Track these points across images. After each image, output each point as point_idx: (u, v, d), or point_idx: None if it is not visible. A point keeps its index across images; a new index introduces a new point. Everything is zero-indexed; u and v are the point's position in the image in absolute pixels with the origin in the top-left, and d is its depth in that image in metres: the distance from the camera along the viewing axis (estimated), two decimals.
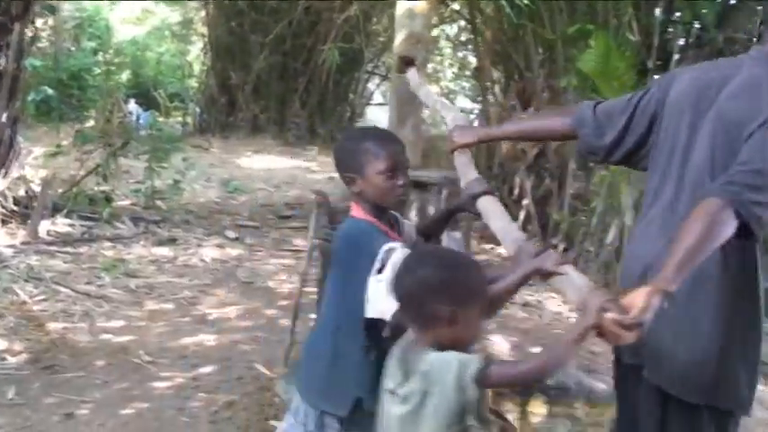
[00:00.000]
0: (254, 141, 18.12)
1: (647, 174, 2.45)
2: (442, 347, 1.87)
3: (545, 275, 1.98)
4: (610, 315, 1.72)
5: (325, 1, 17.30)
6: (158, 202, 8.94)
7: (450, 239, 3.76)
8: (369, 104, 21.32)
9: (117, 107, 17.37)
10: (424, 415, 1.85)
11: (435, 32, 15.92)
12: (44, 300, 5.49)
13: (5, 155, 7.33)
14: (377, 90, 21.40)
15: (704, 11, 7.11)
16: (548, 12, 7.54)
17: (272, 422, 3.66)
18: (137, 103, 20.48)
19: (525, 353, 5.23)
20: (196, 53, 25.41)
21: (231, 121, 19.31)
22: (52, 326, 5.02)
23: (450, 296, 1.86)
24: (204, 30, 21.63)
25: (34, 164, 8.88)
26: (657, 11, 6.88)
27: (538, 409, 4.60)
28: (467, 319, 1.88)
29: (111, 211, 7.93)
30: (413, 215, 3.56)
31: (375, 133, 2.51)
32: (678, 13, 7.58)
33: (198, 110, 20.61)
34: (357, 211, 2.36)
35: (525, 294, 6.73)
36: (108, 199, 8.61)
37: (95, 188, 8.58)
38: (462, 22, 13.54)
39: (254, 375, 4.37)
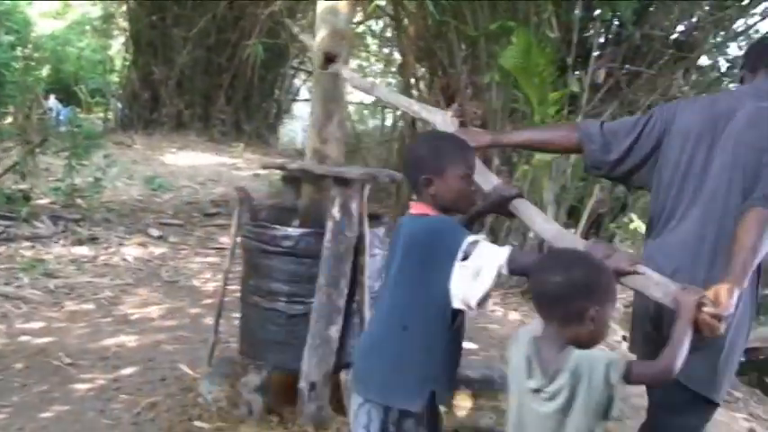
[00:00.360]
0: (178, 137, 17.87)
1: (652, 193, 2.75)
2: (580, 345, 2.01)
3: (620, 275, 2.14)
4: (707, 310, 2.01)
5: None
6: (78, 201, 8.72)
7: (373, 235, 3.78)
8: (295, 100, 21.19)
9: (36, 103, 16.94)
10: (572, 411, 1.98)
11: (362, 28, 15.94)
12: None
13: None
14: (303, 86, 21.26)
15: (622, 8, 7.23)
16: (470, 9, 7.57)
17: (197, 423, 3.61)
18: (57, 98, 20.00)
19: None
20: (117, 48, 24.94)
21: (155, 117, 18.96)
22: None
23: (596, 296, 2.01)
24: (126, 24, 21.22)
25: None
26: (577, 8, 6.95)
27: (463, 402, 4.65)
28: (605, 318, 2.04)
29: (29, 210, 7.71)
30: (335, 211, 3.55)
31: (453, 138, 2.57)
32: (597, 11, 7.73)
33: (120, 106, 20.20)
34: (429, 210, 2.40)
35: None
36: (26, 197, 8.39)
37: (13, 187, 8.35)
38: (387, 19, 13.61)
39: (178, 376, 4.30)
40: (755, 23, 8.29)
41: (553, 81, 6.54)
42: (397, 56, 17.06)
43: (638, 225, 7.20)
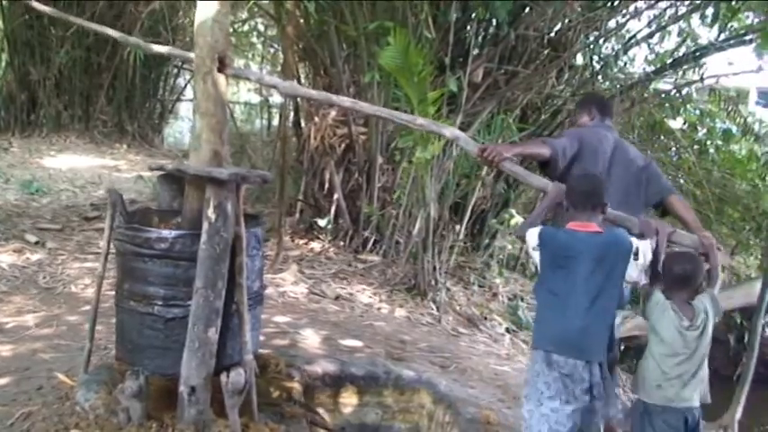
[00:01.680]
0: (57, 139, 17.31)
1: None
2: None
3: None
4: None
5: None
6: None
7: (250, 235, 3.78)
8: (180, 100, 20.80)
9: None
10: (707, 331, 3.55)
11: (246, 27, 15.84)
12: None
13: None
14: (188, 86, 20.91)
15: (497, 9, 7.42)
16: (349, 9, 7.63)
17: (73, 431, 3.54)
18: None
19: (336, 345, 5.32)
20: None
21: (32, 119, 18.30)
22: None
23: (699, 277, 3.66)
24: None
25: None
26: (453, 10, 7.08)
27: (349, 399, 4.72)
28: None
29: None
30: (210, 212, 3.53)
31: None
32: (474, 12, 7.91)
33: None
34: (598, 228, 3.53)
35: (337, 288, 6.85)
36: None
37: None
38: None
39: (54, 385, 4.18)
40: (625, 22, 8.66)
41: (432, 81, 6.66)
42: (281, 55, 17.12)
43: (518, 220, 7.41)
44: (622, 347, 8.78)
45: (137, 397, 3.57)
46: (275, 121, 15.85)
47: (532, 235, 3.59)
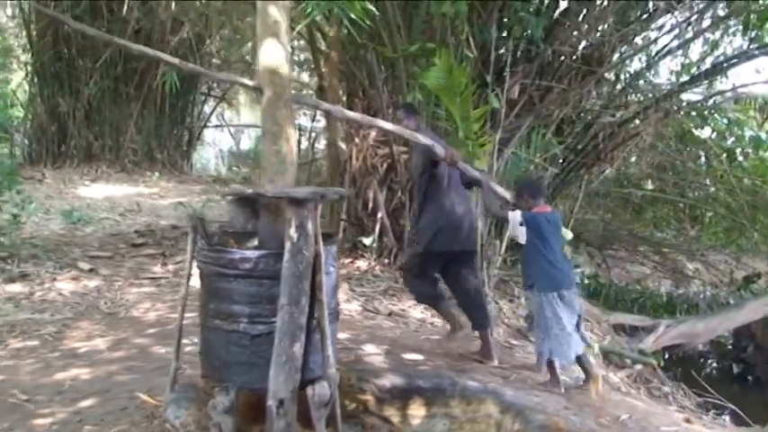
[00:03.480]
0: (89, 170, 17.60)
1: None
2: None
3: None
4: None
5: (156, 23, 17.05)
6: (0, 238, 8.58)
7: (327, 253, 3.93)
8: (206, 127, 21.11)
9: None
10: None
11: None
12: None
13: None
14: (214, 112, 21.25)
15: (533, 26, 7.59)
16: (387, 32, 7.82)
17: None
18: None
19: (399, 359, 5.45)
20: (18, 81, 24.33)
21: (63, 150, 18.61)
22: None
23: None
24: (26, 57, 20.75)
25: None
26: (493, 29, 7.27)
27: (417, 410, 4.84)
28: None
29: None
30: (292, 232, 3.69)
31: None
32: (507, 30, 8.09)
33: (26, 141, 19.72)
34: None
35: (389, 305, 6.99)
36: None
37: None
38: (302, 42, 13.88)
39: (138, 405, 4.34)
40: (658, 38, 8.79)
41: (474, 99, 6.81)
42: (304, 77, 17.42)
43: (565, 232, 7.52)
44: (666, 356, 8.90)
45: (228, 412, 3.73)
46: (303, 145, 16.02)
47: (515, 216, 5.17)
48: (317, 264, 3.83)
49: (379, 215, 8.36)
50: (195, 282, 4.06)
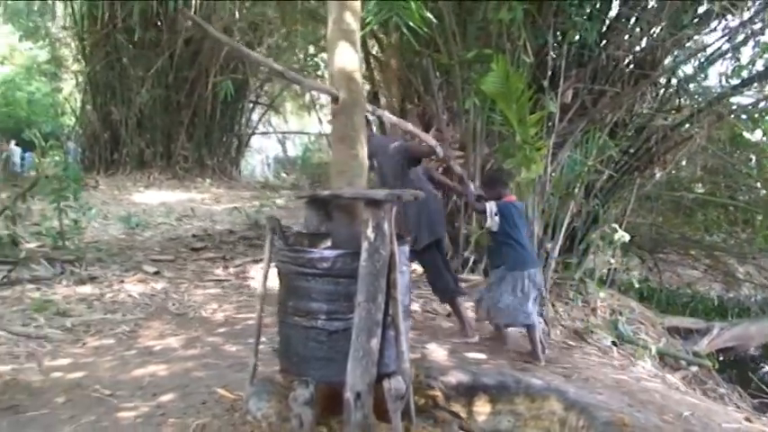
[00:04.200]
0: (141, 176, 17.99)
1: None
2: None
3: None
4: None
5: (205, 33, 17.35)
6: (66, 243, 8.87)
7: (400, 252, 4.08)
8: (254, 134, 21.44)
9: (3, 149, 17.00)
10: None
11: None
12: None
13: None
14: (261, 120, 21.57)
15: (587, 31, 7.68)
16: (442, 38, 7.95)
17: None
18: (17, 144, 19.99)
19: (462, 357, 5.58)
20: (69, 90, 24.89)
21: (116, 158, 19.05)
22: (1, 368, 5.03)
23: None
24: (76, 66, 21.25)
25: None
26: (550, 34, 7.38)
27: (482, 407, 4.96)
28: None
29: (26, 254, 7.86)
30: (369, 232, 3.84)
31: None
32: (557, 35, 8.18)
33: (78, 148, 20.20)
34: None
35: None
36: (14, 242, 8.55)
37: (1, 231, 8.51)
38: None
39: (217, 399, 4.52)
40: (714, 42, 8.81)
41: (531, 104, 6.92)
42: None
43: (623, 235, 7.58)
44: (721, 358, 8.91)
45: (308, 404, 3.89)
46: None
47: (491, 207, 5.88)
48: (392, 263, 3.98)
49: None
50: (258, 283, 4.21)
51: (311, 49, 19.18)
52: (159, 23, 17.74)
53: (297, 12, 9.61)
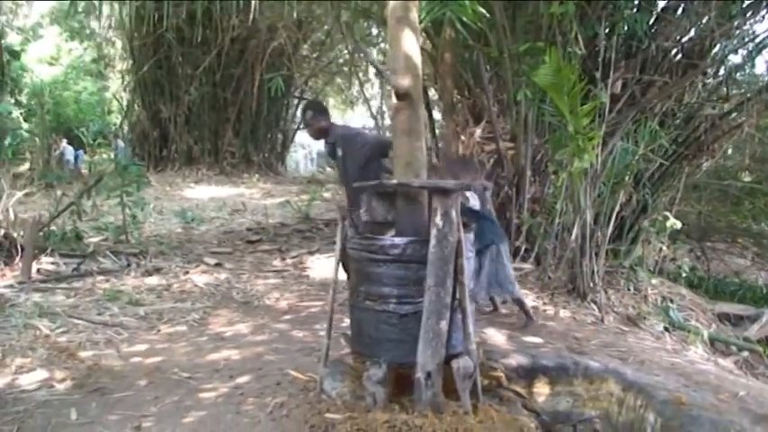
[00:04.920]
0: (190, 172, 18.34)
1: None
2: None
3: None
4: None
5: (253, 30, 17.65)
6: (127, 237, 9.20)
7: (466, 240, 4.27)
8: (299, 129, 21.71)
9: (54, 147, 17.45)
10: None
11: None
12: (65, 332, 5.77)
13: None
14: None
15: (637, 22, 7.80)
16: (493, 32, 8.10)
17: (328, 415, 4.05)
18: (68, 143, 20.47)
19: (520, 341, 5.76)
20: (115, 89, 25.34)
21: (165, 154, 19.44)
22: (83, 354, 5.31)
23: None
24: (122, 65, 21.66)
25: None
26: (602, 25, 7.52)
27: (542, 388, 5.14)
28: None
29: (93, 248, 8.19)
30: (438, 219, 4.03)
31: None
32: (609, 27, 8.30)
33: (128, 146, 20.62)
34: None
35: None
36: (78, 236, 8.88)
37: (66, 227, 8.86)
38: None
39: (290, 381, 4.75)
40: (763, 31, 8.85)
41: (583, 96, 7.05)
42: None
43: (674, 222, 7.71)
44: None
45: (381, 383, 4.10)
46: None
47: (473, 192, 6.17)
48: (459, 249, 4.17)
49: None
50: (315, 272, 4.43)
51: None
52: (207, 22, 18.06)
53: (350, 9, 9.80)
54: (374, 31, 16.26)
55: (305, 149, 25.65)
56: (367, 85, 21.26)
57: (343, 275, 4.74)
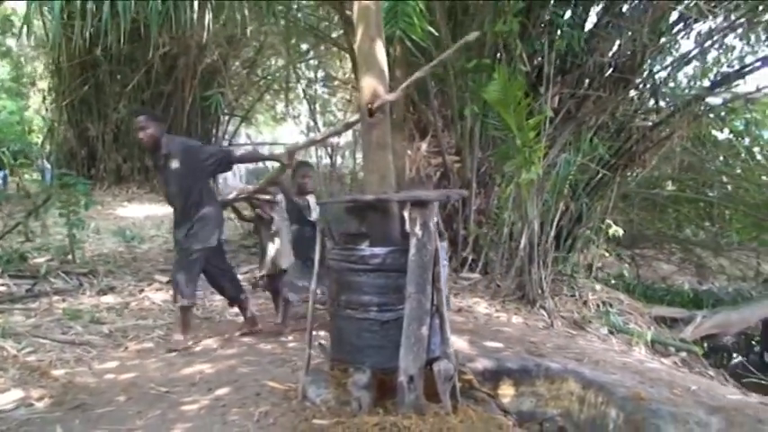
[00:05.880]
0: (120, 191, 18.12)
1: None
2: None
3: None
4: None
5: (181, 48, 17.58)
6: (69, 257, 9.12)
7: (441, 248, 4.48)
8: (231, 145, 21.67)
9: None
10: None
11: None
12: (33, 351, 5.75)
13: None
14: (237, 130, 21.87)
15: (574, 39, 8.19)
16: (438, 49, 8.35)
17: (315, 421, 4.20)
18: None
19: (482, 346, 6.00)
20: (36, 107, 24.81)
21: (93, 173, 19.12)
22: (55, 372, 5.32)
23: None
24: (45, 83, 21.25)
25: None
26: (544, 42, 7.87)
27: (507, 390, 5.39)
28: None
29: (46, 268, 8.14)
30: (417, 229, 4.23)
31: None
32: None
33: (49, 166, 20.19)
34: None
35: (456, 302, 7.54)
36: (22, 257, 8.80)
37: (11, 248, 8.78)
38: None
39: (269, 391, 4.87)
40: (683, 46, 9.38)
41: (528, 109, 7.37)
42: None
43: (616, 230, 8.10)
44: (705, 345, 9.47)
45: (366, 388, 4.28)
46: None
47: (312, 200, 6.53)
48: (436, 257, 4.38)
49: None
50: None
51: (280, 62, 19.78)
52: (136, 38, 17.89)
53: (299, 28, 9.97)
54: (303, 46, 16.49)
55: (236, 168, 25.59)
56: (295, 101, 21.47)
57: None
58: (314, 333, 4.79)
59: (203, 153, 6.18)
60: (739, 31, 9.50)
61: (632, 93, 9.87)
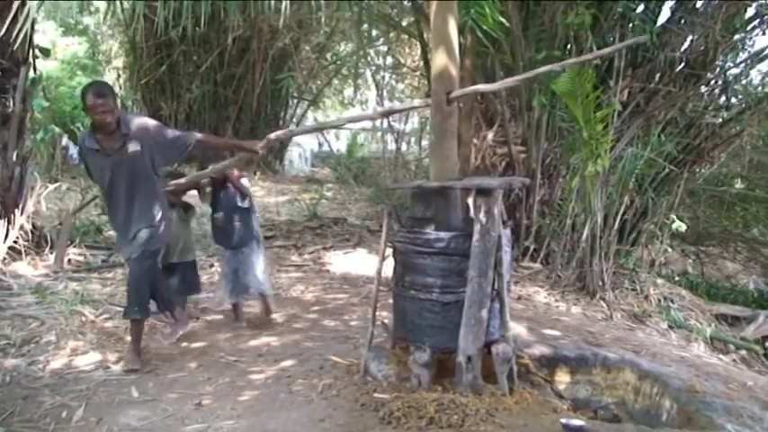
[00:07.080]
0: (189, 170, 18.44)
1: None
2: None
3: None
4: None
5: (254, 31, 17.88)
6: None
7: (503, 235, 4.61)
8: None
9: (58, 143, 17.57)
10: None
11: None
12: (109, 318, 6.06)
13: (17, 191, 7.78)
14: (305, 114, 22.15)
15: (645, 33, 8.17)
16: (508, 40, 8.44)
17: (376, 394, 4.37)
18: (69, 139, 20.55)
19: (540, 334, 6.11)
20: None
21: None
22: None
23: None
24: (120, 61, 21.72)
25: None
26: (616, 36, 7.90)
27: (563, 377, 5.49)
28: None
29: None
30: (481, 216, 4.37)
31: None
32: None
33: None
34: None
35: (517, 290, 7.64)
36: (99, 229, 9.16)
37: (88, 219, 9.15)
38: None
39: (332, 365, 5.07)
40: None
41: (597, 102, 7.41)
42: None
43: (679, 225, 8.11)
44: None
45: (426, 366, 4.44)
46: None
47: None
48: (499, 243, 4.51)
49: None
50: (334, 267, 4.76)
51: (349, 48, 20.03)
52: (210, 21, 18.25)
53: (371, 15, 10.13)
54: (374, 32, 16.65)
55: (299, 148, 25.86)
56: (363, 87, 21.70)
57: (363, 270, 5.10)
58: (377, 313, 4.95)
59: (181, 139, 5.38)
60: None
61: (703, 88, 9.77)
